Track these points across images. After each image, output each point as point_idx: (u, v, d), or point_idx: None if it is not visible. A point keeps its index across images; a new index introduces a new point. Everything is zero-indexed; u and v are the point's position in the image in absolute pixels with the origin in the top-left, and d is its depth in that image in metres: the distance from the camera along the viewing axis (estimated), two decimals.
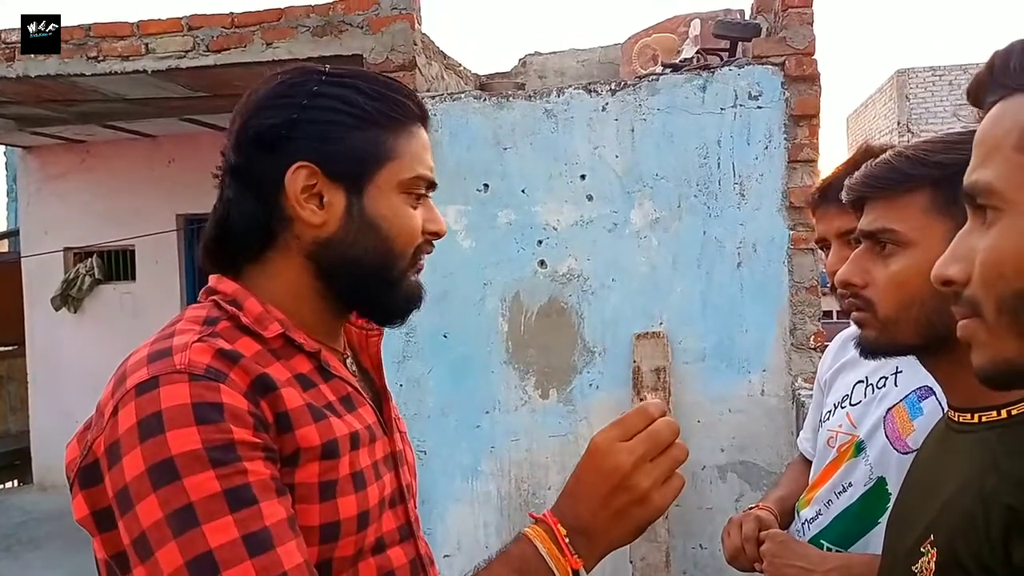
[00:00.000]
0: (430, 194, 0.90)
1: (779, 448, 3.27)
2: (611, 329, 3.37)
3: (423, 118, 0.89)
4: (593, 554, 0.79)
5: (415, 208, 0.87)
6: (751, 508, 1.46)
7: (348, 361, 0.93)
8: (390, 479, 0.88)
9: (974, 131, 0.89)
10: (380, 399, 0.94)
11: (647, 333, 3.31)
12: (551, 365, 3.43)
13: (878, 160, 0.93)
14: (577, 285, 3.39)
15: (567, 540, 0.77)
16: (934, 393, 1.22)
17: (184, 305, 6.23)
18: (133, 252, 6.31)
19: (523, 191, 3.40)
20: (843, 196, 0.96)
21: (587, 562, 0.78)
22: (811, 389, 3.13)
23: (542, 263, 3.42)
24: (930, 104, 12.93)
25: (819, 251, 3.33)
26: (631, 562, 3.28)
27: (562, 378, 3.43)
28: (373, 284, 0.86)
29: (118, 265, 6.43)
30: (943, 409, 1.18)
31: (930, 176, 0.87)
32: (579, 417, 3.41)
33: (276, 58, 3.79)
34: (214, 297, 0.85)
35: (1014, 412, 0.82)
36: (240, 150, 0.84)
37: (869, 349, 0.95)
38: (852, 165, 1.32)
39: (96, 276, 6.29)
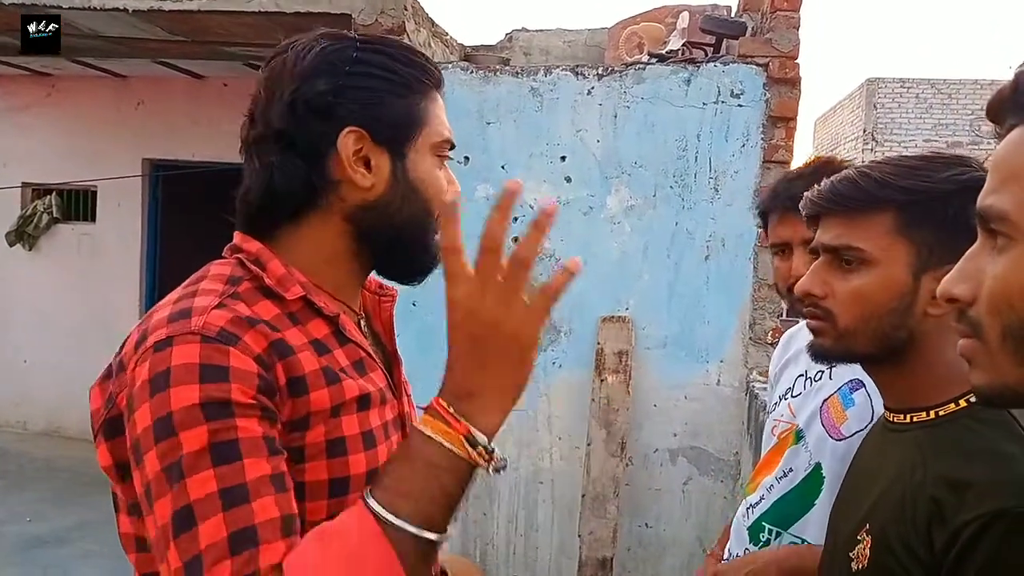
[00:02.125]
0: (451, 157, 0.95)
1: (729, 437, 3.40)
2: (578, 310, 3.43)
3: (440, 84, 0.93)
4: (489, 410, 0.75)
5: (440, 170, 0.92)
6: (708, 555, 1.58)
7: (362, 323, 0.96)
8: (397, 440, 0.91)
9: (936, 156, 0.96)
10: (390, 363, 0.98)
11: (613, 317, 3.39)
12: None
13: (841, 177, 0.96)
14: (548, 264, 3.44)
15: (450, 410, 0.74)
16: (864, 385, 1.32)
17: (145, 251, 6.14)
18: (95, 193, 6.16)
19: (503, 167, 3.43)
20: (802, 208, 1.00)
21: (488, 418, 0.75)
22: (765, 382, 3.25)
23: (516, 240, 3.45)
24: (896, 115, 13.22)
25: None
26: (579, 536, 3.39)
27: None
28: (411, 245, 0.91)
29: (78, 205, 6.27)
30: (871, 400, 1.28)
31: (894, 199, 0.91)
32: (539, 393, 3.48)
33: (262, 9, 3.73)
34: (238, 255, 0.88)
35: (941, 413, 0.91)
36: (290, 116, 0.86)
37: (823, 355, 1.01)
38: (806, 176, 1.40)
39: (54, 215, 6.13)
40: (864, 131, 13.40)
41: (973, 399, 0.90)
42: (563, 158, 3.40)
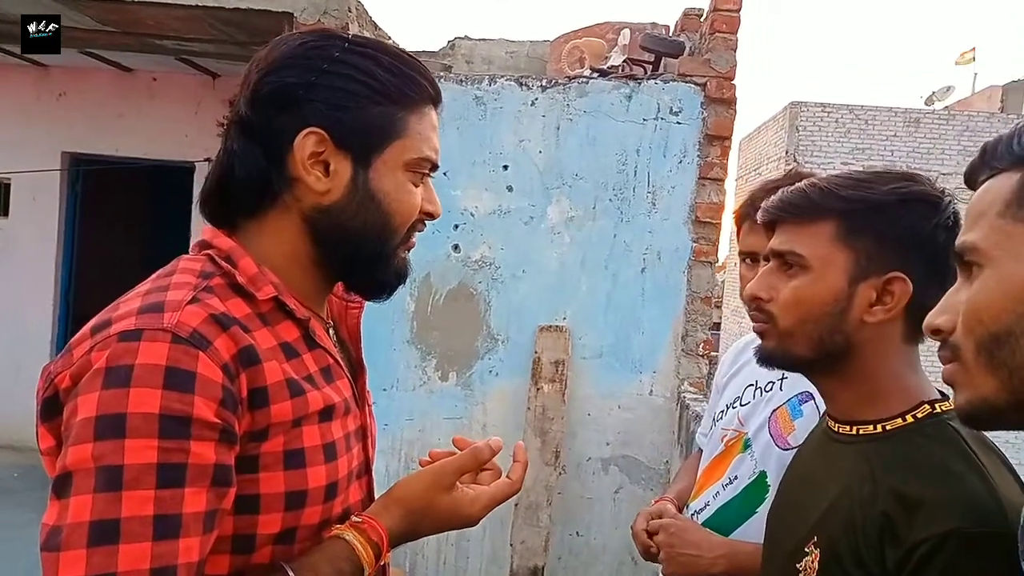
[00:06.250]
0: (432, 175, 0.91)
1: (660, 446, 3.46)
2: (516, 319, 3.45)
3: (436, 100, 0.89)
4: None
5: (417, 187, 0.88)
6: (656, 501, 1.57)
7: (330, 331, 0.93)
8: (358, 451, 0.90)
9: (887, 171, 1.01)
10: (355, 372, 0.96)
11: (551, 326, 3.42)
12: (454, 349, 3.49)
13: (793, 188, 1.01)
14: (488, 273, 3.46)
15: (387, 551, 0.85)
16: (813, 398, 1.36)
17: (61, 249, 5.86)
18: (8, 186, 5.84)
19: (445, 174, 3.42)
20: (759, 217, 1.05)
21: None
22: (696, 393, 3.33)
23: (456, 247, 3.46)
24: (817, 138, 13.76)
25: (722, 264, 3.53)
26: (511, 545, 3.39)
27: (463, 362, 3.49)
28: (366, 256, 0.87)
29: None
30: (819, 412, 1.32)
31: (836, 208, 0.96)
32: (476, 402, 3.48)
33: (199, 3, 3.63)
34: (208, 251, 0.84)
35: (888, 427, 0.94)
36: (254, 104, 0.83)
37: (766, 358, 1.04)
38: (783, 186, 1.43)
39: None
40: (786, 152, 13.89)
41: (920, 415, 0.93)
42: (505, 167, 3.42)
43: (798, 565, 0.94)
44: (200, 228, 0.89)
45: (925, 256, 0.93)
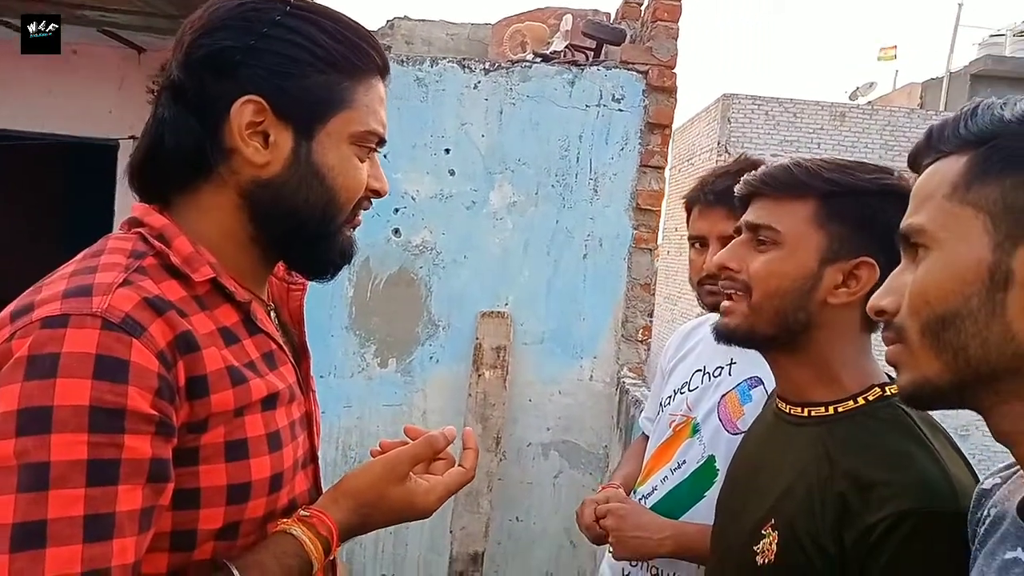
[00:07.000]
0: (379, 151, 0.87)
1: (600, 431, 3.50)
2: (457, 304, 3.42)
3: (383, 70, 0.85)
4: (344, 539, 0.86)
5: (363, 162, 0.84)
6: (603, 487, 1.58)
7: (272, 314, 0.89)
8: (303, 440, 0.87)
9: (868, 163, 1.03)
10: (298, 356, 0.92)
11: (492, 312, 3.40)
12: (393, 335, 3.43)
13: (777, 164, 1.02)
14: (429, 258, 3.41)
15: (336, 546, 0.81)
16: (762, 383, 1.38)
17: None
18: None
19: (385, 156, 3.34)
20: (737, 189, 1.05)
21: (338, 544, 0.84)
22: (635, 378, 3.37)
23: (396, 231, 3.40)
24: (747, 129, 14.08)
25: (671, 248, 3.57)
26: (451, 531, 3.37)
27: (403, 349, 3.44)
28: (309, 235, 0.83)
29: None
30: (768, 396, 1.34)
31: (819, 189, 0.97)
32: (416, 388, 3.44)
33: None
34: (140, 229, 0.79)
35: (840, 409, 0.96)
36: (187, 69, 0.77)
37: (728, 336, 1.04)
38: (732, 172, 1.44)
39: None
40: (718, 143, 14.17)
41: (871, 397, 0.95)
42: (447, 150, 3.38)
43: (755, 547, 0.95)
44: (124, 208, 0.83)
45: (895, 247, 0.95)
